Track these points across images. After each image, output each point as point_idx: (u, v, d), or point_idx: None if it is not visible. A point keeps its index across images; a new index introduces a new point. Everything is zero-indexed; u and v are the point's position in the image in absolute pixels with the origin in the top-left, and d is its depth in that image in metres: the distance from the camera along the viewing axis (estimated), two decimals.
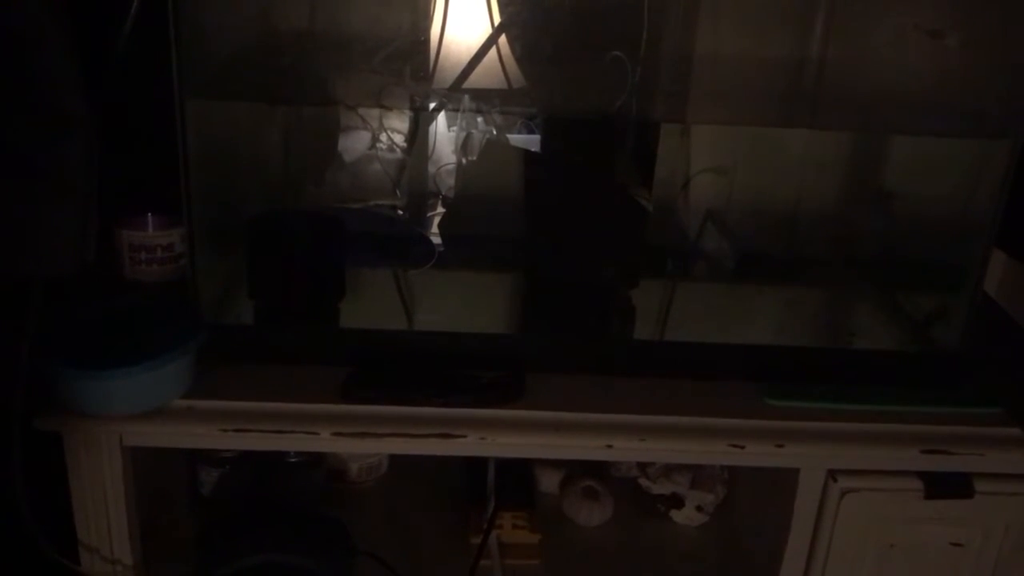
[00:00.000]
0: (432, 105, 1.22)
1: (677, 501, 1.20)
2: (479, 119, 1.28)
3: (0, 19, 0.73)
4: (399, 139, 1.27)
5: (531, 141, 1.26)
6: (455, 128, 1.30)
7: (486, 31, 1.13)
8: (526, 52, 1.12)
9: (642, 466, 1.22)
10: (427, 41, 1.12)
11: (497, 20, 1.14)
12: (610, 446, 0.94)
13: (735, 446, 0.95)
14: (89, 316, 0.96)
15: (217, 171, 1.06)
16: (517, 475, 1.23)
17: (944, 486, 0.97)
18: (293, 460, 1.16)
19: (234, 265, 1.08)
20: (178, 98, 0.94)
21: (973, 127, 1.08)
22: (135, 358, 0.89)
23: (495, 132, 1.28)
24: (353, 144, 1.25)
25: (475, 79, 1.14)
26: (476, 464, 1.21)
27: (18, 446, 0.86)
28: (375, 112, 1.21)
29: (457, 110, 1.29)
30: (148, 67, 0.91)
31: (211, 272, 1.05)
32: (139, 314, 0.98)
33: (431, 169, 1.31)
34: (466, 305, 1.16)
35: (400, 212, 1.28)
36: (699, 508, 1.21)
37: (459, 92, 1.22)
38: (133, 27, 0.86)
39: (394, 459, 1.27)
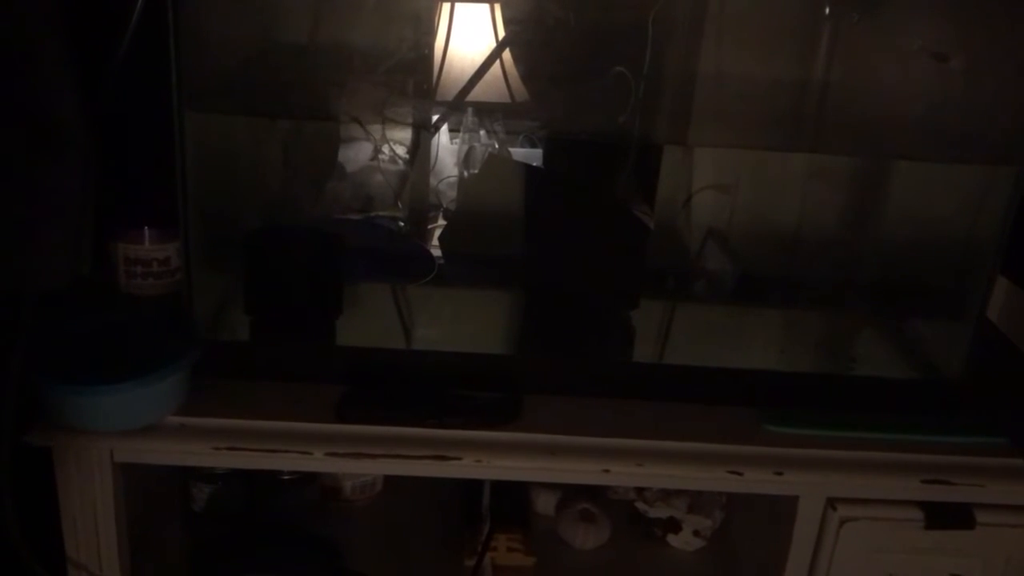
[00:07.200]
0: (435, 118, 1.22)
1: (674, 525, 1.19)
2: (481, 132, 1.28)
3: None
4: (401, 151, 1.26)
5: (533, 155, 1.25)
6: (457, 141, 1.30)
7: (490, 46, 1.12)
8: (529, 67, 1.11)
9: (639, 489, 1.21)
10: (431, 55, 1.12)
11: (501, 35, 1.14)
12: (607, 471, 0.93)
13: (733, 473, 0.94)
14: (82, 330, 0.95)
15: (215, 185, 1.05)
16: (513, 496, 1.22)
17: (945, 517, 0.96)
18: (286, 477, 1.15)
19: (230, 280, 1.07)
20: (177, 111, 0.93)
21: (977, 153, 1.07)
22: (127, 374, 0.88)
23: (497, 146, 1.27)
24: (354, 156, 1.24)
25: (478, 93, 1.14)
26: (472, 484, 1.20)
27: (7, 461, 0.85)
28: (377, 124, 1.21)
29: (459, 127, 1.28)
30: (147, 79, 0.90)
31: (207, 287, 1.04)
32: (133, 329, 0.97)
33: (432, 182, 1.30)
34: (463, 323, 1.15)
35: (400, 224, 1.27)
36: (696, 533, 1.19)
37: (462, 106, 1.22)
38: (132, 39, 0.85)
39: (388, 478, 1.26)
